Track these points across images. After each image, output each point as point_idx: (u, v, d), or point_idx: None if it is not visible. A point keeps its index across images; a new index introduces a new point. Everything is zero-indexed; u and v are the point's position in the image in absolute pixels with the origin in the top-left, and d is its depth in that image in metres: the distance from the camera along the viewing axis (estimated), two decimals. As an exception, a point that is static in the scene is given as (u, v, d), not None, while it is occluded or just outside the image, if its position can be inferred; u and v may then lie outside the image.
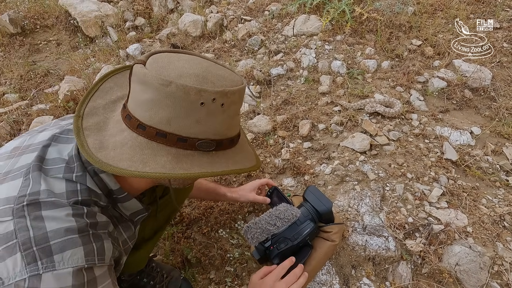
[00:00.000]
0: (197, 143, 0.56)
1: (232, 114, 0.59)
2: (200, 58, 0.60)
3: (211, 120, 0.56)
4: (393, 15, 2.05)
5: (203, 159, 0.57)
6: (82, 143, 0.54)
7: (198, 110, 0.54)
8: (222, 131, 0.59)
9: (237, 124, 0.64)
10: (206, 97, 0.53)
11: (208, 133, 0.57)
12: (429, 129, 1.46)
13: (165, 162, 0.53)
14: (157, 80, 0.51)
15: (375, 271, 1.04)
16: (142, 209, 0.70)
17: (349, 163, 1.31)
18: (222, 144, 0.60)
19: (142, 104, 0.54)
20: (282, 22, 2.19)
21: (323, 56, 1.86)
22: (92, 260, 0.53)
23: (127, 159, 0.52)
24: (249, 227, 0.94)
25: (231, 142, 0.63)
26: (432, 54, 1.85)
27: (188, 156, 0.56)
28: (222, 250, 1.15)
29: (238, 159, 0.63)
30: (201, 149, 0.57)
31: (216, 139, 0.59)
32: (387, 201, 1.17)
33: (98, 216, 0.58)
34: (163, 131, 0.54)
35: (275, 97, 1.72)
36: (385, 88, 1.67)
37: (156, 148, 0.54)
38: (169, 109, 0.53)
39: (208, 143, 0.58)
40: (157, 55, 0.58)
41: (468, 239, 1.06)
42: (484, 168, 1.31)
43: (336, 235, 1.01)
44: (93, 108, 0.62)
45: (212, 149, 0.59)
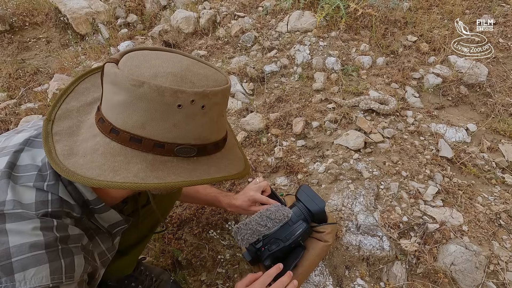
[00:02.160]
0: (175, 148, 0.51)
1: (215, 116, 0.54)
2: (182, 56, 0.55)
3: (191, 124, 0.51)
4: (388, 10, 2.02)
5: (182, 166, 0.52)
6: (50, 149, 0.50)
7: (175, 113, 0.48)
8: (204, 135, 0.54)
9: (221, 127, 0.59)
10: (184, 98, 0.48)
11: (188, 138, 0.52)
12: (424, 126, 1.44)
13: (138, 171, 0.48)
14: (129, 80, 0.47)
15: (369, 271, 1.02)
16: (121, 220, 0.66)
17: (343, 161, 1.28)
18: (206, 150, 0.55)
19: (115, 106, 0.50)
20: (276, 18, 2.16)
21: (317, 53, 1.83)
22: (58, 279, 0.49)
23: (96, 167, 0.48)
24: (239, 228, 0.91)
25: (215, 146, 0.57)
26: (427, 50, 1.83)
27: (165, 163, 0.51)
28: (213, 252, 1.12)
29: (222, 165, 0.57)
30: (181, 155, 0.52)
31: (198, 144, 0.53)
32: (381, 200, 1.15)
33: (70, 229, 0.53)
34: (137, 135, 0.49)
35: (268, 94, 1.69)
36: (380, 84, 1.64)
37: (130, 155, 0.50)
38: (143, 112, 0.48)
39: (189, 148, 0.52)
40: (133, 53, 0.53)
41: (463, 238, 1.04)
42: (480, 166, 1.30)
43: (329, 235, 0.98)
44: (66, 110, 0.57)
45: (193, 155, 0.53)
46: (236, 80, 1.77)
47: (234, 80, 1.77)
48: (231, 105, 1.70)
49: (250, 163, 1.35)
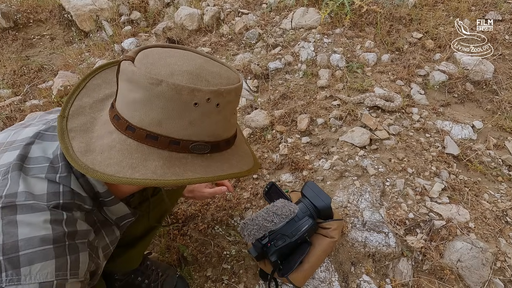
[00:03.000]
0: (190, 145, 0.52)
1: (228, 114, 0.55)
2: (194, 54, 0.56)
3: (206, 121, 0.52)
4: (393, 7, 2.01)
5: (197, 163, 0.53)
6: (67, 146, 0.50)
7: (192, 111, 0.49)
8: (218, 133, 0.55)
9: (233, 124, 0.60)
10: (200, 97, 0.48)
11: (203, 135, 0.53)
12: (430, 123, 1.43)
13: (156, 167, 0.49)
14: (147, 79, 0.47)
15: (375, 267, 1.02)
16: (129, 213, 0.67)
17: (348, 158, 1.28)
18: (218, 147, 0.56)
19: (131, 104, 0.50)
20: (280, 15, 2.15)
21: (322, 50, 1.82)
22: (63, 276, 0.48)
23: (115, 163, 0.48)
24: (246, 224, 0.91)
25: (227, 143, 0.59)
26: (433, 47, 1.81)
27: (181, 159, 0.52)
28: (218, 247, 1.13)
29: (234, 162, 0.59)
30: (195, 151, 0.53)
31: (211, 141, 0.55)
32: (387, 197, 1.15)
33: (78, 224, 0.54)
34: (154, 133, 0.50)
35: (273, 91, 1.69)
36: (385, 81, 1.63)
37: (146, 152, 0.50)
38: (160, 110, 0.49)
39: (203, 145, 0.53)
40: (147, 51, 0.54)
41: (470, 235, 1.04)
42: (486, 163, 1.29)
43: (335, 232, 0.98)
44: (79, 107, 0.57)
45: (207, 152, 0.54)
46: (241, 77, 1.77)
47: (239, 77, 1.77)
48: (235, 102, 1.70)
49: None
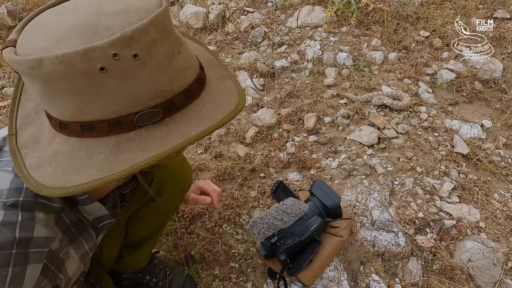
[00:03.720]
0: (135, 119, 0.41)
1: (163, 60, 0.40)
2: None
3: (133, 84, 0.39)
4: (400, 5, 1.99)
5: (153, 136, 0.42)
6: (20, 166, 0.44)
7: (104, 80, 0.37)
8: (162, 89, 0.41)
9: (183, 68, 0.44)
10: (101, 57, 0.36)
11: (142, 101, 0.41)
12: (438, 122, 1.42)
13: (102, 161, 0.40)
14: (26, 64, 0.36)
15: (384, 267, 1.01)
16: (107, 214, 0.59)
17: (356, 156, 1.27)
18: (174, 105, 0.43)
19: (42, 99, 0.42)
20: (285, 14, 2.14)
21: (328, 48, 1.81)
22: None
23: (62, 172, 0.41)
24: (255, 222, 0.91)
25: (187, 95, 0.44)
26: (440, 45, 1.80)
27: (133, 140, 0.41)
28: (226, 246, 1.12)
29: (204, 114, 0.45)
30: (147, 123, 0.42)
31: (160, 102, 0.42)
32: (396, 196, 1.14)
33: (36, 230, 0.46)
34: (86, 122, 0.41)
35: (279, 90, 1.68)
36: (393, 80, 1.62)
37: (90, 146, 0.41)
38: (66, 95, 0.39)
39: (150, 112, 0.41)
40: (33, 22, 0.41)
41: (480, 235, 1.03)
42: (496, 162, 1.28)
43: (344, 231, 0.98)
44: (24, 117, 0.49)
45: (160, 118, 0.42)
46: (247, 75, 1.76)
47: (245, 75, 1.76)
48: (241, 100, 1.69)
49: (262, 158, 1.35)
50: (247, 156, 1.38)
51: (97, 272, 0.83)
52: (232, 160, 1.38)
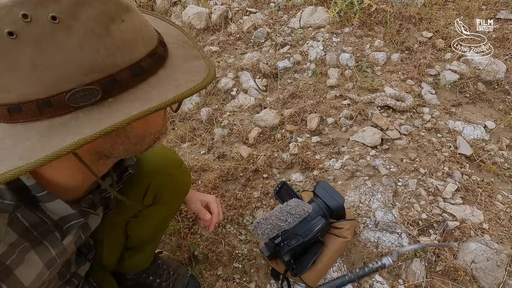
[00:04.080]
0: (66, 98, 0.35)
1: (96, 26, 0.35)
2: None
3: (57, 53, 0.34)
4: (403, 6, 1.99)
5: (91, 118, 0.36)
6: None
7: (17, 47, 0.32)
8: (100, 62, 0.36)
9: (133, 38, 0.39)
10: (7, 19, 0.31)
11: (73, 76, 0.35)
12: (441, 123, 1.41)
13: (25, 149, 0.35)
14: None
15: (387, 268, 1.01)
16: (74, 213, 0.52)
17: (359, 157, 1.27)
18: (117, 82, 0.37)
19: None
20: (288, 14, 2.14)
21: (331, 49, 1.82)
22: None
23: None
24: (259, 223, 0.91)
25: (136, 71, 0.39)
26: (443, 46, 1.80)
27: (67, 124, 0.36)
28: (229, 246, 1.13)
29: (155, 94, 0.39)
30: (84, 103, 0.36)
31: (97, 79, 0.36)
32: (399, 197, 1.14)
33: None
34: (11, 104, 0.35)
35: (282, 90, 1.68)
36: (395, 81, 1.62)
37: (20, 132, 0.36)
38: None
39: (85, 91, 0.35)
40: None
41: (484, 236, 1.03)
42: (499, 163, 1.27)
43: (348, 232, 0.98)
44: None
45: (99, 97, 0.36)
46: (249, 76, 1.77)
47: (247, 76, 1.77)
48: (244, 101, 1.70)
49: (265, 159, 1.35)
50: (250, 157, 1.39)
51: (99, 275, 0.83)
52: (235, 161, 1.38)
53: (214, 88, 1.81)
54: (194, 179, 1.37)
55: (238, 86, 1.76)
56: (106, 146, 0.46)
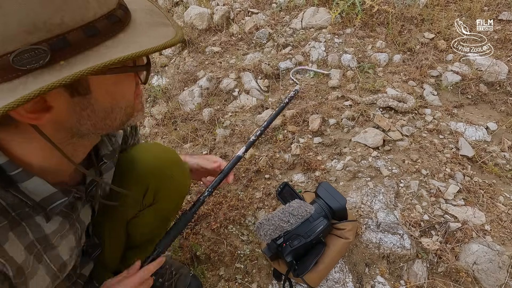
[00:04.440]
0: (11, 59, 0.32)
1: None
2: None
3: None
4: (405, 7, 1.99)
5: (41, 80, 0.33)
6: None
7: None
8: (46, 19, 0.33)
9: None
10: None
11: (17, 34, 0.32)
12: (443, 125, 1.42)
13: None
14: None
15: (389, 269, 1.01)
16: (56, 192, 0.49)
17: (361, 158, 1.27)
18: (68, 43, 0.34)
19: None
20: (290, 15, 2.14)
21: (333, 50, 1.82)
22: None
23: None
24: (262, 224, 0.92)
25: (89, 33, 0.36)
26: (445, 47, 1.80)
27: (15, 89, 0.33)
28: (231, 247, 1.13)
29: (113, 54, 0.36)
30: (30, 66, 0.33)
31: (44, 38, 0.33)
32: (401, 198, 1.14)
33: None
34: None
35: (283, 91, 1.69)
36: (397, 82, 1.62)
37: None
38: None
39: (31, 51, 0.32)
40: None
41: (486, 238, 1.03)
42: (501, 165, 1.28)
43: (350, 233, 0.98)
44: None
45: (47, 60, 0.33)
46: (251, 76, 1.77)
47: (249, 76, 1.77)
48: (246, 101, 1.70)
49: (267, 160, 1.35)
50: (252, 158, 1.39)
51: (101, 274, 0.84)
52: (237, 161, 1.38)
53: (216, 89, 1.81)
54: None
55: (240, 86, 1.76)
56: (71, 120, 0.43)
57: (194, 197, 1.31)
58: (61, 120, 0.42)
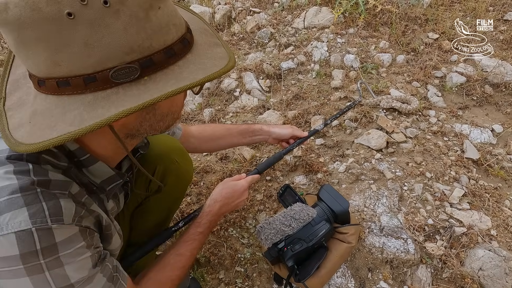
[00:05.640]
0: (110, 74, 0.40)
1: (139, 11, 0.40)
2: None
3: (106, 34, 0.39)
4: (408, 7, 1.97)
5: (130, 94, 0.41)
6: (3, 127, 0.44)
7: (73, 28, 0.37)
8: (139, 44, 0.41)
9: (164, 24, 0.43)
10: (67, 2, 0.36)
11: (117, 55, 0.40)
12: (447, 127, 1.39)
13: (75, 117, 0.41)
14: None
15: (392, 274, 0.99)
16: (114, 175, 0.58)
17: (364, 161, 1.25)
18: (154, 62, 0.43)
19: (16, 50, 0.41)
20: (292, 14, 2.12)
21: (335, 50, 1.79)
22: (42, 222, 0.44)
23: (38, 129, 0.42)
24: (263, 228, 0.90)
25: (168, 54, 0.44)
26: (449, 48, 1.77)
27: (108, 97, 0.41)
28: (232, 250, 1.11)
29: (186, 74, 0.44)
30: (124, 80, 0.41)
31: (136, 58, 0.41)
32: (405, 202, 1.12)
33: (51, 174, 0.48)
34: (61, 77, 0.41)
35: (285, 91, 1.66)
36: (401, 83, 1.60)
37: (67, 103, 0.42)
38: (39, 45, 0.38)
39: (127, 68, 0.41)
40: None
41: (492, 243, 1.01)
42: (507, 168, 1.25)
43: (353, 237, 0.96)
44: (14, 82, 0.50)
45: (137, 76, 0.42)
46: (253, 76, 1.75)
47: (251, 76, 1.75)
48: (247, 101, 1.68)
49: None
50: (253, 159, 1.37)
51: None
52: (237, 163, 1.37)
53: (217, 89, 1.79)
54: (197, 180, 1.36)
55: (241, 86, 1.74)
56: (136, 122, 0.51)
57: (194, 198, 1.30)
58: (129, 122, 0.51)
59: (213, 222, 0.82)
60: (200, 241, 0.79)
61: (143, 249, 0.81)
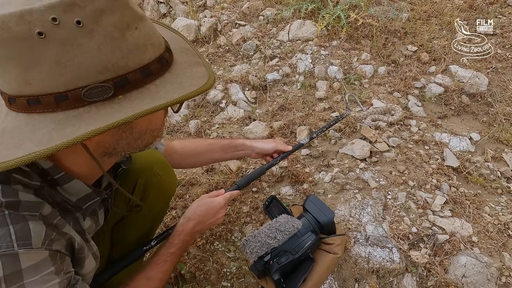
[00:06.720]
0: (82, 93, 0.39)
1: (114, 32, 0.40)
2: None
3: (78, 54, 0.38)
4: (388, 21, 2.04)
5: (102, 113, 0.40)
6: None
7: (43, 47, 0.37)
8: (113, 63, 0.40)
9: (143, 44, 0.43)
10: (37, 21, 0.35)
11: (90, 74, 0.39)
12: (428, 135, 1.43)
13: (43, 136, 0.39)
14: None
15: (379, 284, 0.99)
16: (91, 193, 0.56)
17: (349, 170, 1.27)
18: (129, 81, 0.42)
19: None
20: (277, 27, 2.17)
21: (319, 62, 1.84)
22: (8, 247, 0.41)
23: (5, 148, 0.40)
24: (248, 241, 0.88)
25: (144, 73, 0.43)
26: (428, 59, 1.84)
27: (80, 116, 0.40)
28: (218, 264, 1.09)
29: (162, 94, 0.44)
30: (97, 99, 0.40)
31: (110, 77, 0.40)
32: (389, 210, 1.13)
33: (21, 195, 0.46)
34: (31, 96, 0.40)
35: (271, 102, 1.68)
36: (383, 93, 1.64)
37: (37, 121, 0.40)
38: (9, 62, 0.38)
39: (100, 87, 0.40)
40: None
41: (474, 249, 1.03)
42: (485, 175, 1.29)
43: (339, 247, 0.96)
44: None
45: (111, 94, 0.41)
46: (238, 88, 1.76)
47: (236, 88, 1.76)
48: (233, 113, 1.68)
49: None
50: (239, 170, 1.36)
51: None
52: (223, 174, 1.36)
53: (203, 100, 1.79)
54: (182, 193, 1.34)
55: (227, 98, 1.75)
56: (112, 141, 0.50)
57: (179, 211, 1.27)
58: (104, 141, 0.50)
59: (185, 242, 0.79)
60: (172, 262, 0.76)
61: (111, 271, 0.77)
